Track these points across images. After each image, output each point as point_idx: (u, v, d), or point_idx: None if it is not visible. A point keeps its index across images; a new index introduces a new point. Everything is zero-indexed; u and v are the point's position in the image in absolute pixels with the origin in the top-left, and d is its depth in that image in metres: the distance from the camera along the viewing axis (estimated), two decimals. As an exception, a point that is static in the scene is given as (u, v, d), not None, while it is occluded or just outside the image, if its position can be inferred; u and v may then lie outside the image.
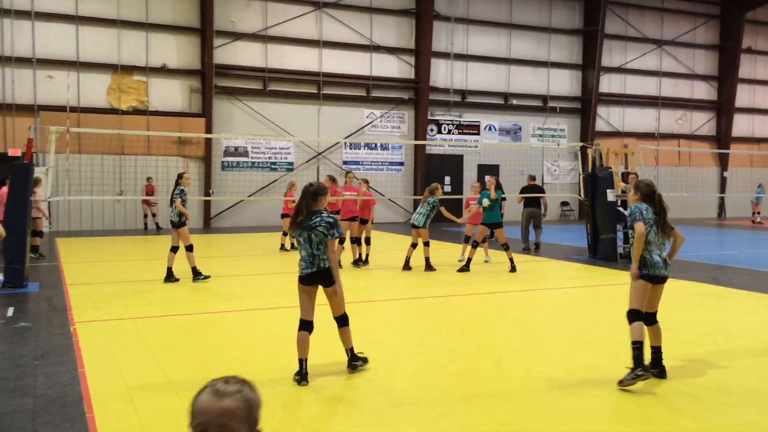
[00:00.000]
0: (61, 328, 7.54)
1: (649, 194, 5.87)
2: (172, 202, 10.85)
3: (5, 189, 11.63)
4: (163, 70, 21.25)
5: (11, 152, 18.89)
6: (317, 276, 5.66)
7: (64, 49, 20.05)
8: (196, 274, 10.83)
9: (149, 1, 20.94)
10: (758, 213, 26.43)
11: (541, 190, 16.68)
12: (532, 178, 16.77)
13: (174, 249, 10.86)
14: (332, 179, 13.64)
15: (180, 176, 11.10)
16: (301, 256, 5.71)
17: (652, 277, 5.70)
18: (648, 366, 5.55)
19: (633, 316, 5.65)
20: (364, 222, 13.18)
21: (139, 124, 20.53)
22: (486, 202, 12.42)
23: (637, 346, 5.51)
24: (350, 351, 5.94)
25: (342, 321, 5.87)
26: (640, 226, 5.68)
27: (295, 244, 6.04)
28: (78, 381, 5.57)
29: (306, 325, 5.69)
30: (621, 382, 5.42)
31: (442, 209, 12.49)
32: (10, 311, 8.37)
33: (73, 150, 16.65)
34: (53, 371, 5.85)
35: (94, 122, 19.40)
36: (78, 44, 20.17)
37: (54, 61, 19.91)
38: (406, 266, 12.30)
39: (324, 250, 5.65)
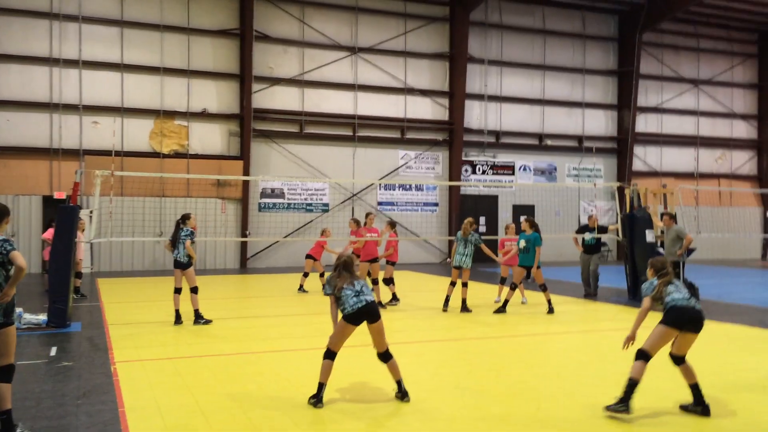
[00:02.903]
0: (103, 367, 7.66)
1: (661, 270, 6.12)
2: (177, 243, 10.65)
3: (52, 230, 11.99)
4: (204, 115, 21.85)
5: (56, 195, 19.51)
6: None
7: (110, 95, 20.79)
8: (199, 317, 10.63)
9: (191, 49, 21.67)
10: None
11: (599, 230, 14.77)
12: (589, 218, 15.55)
13: (178, 291, 10.70)
14: (356, 222, 13.95)
15: (187, 217, 10.91)
16: (352, 302, 6.16)
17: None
18: (625, 405, 5.75)
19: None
20: (391, 263, 13.32)
21: (179, 167, 21.04)
22: (523, 243, 12.35)
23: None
24: (399, 382, 6.32)
25: (387, 356, 6.30)
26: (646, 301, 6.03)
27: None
28: (119, 420, 5.64)
29: (332, 355, 6.20)
30: (608, 408, 5.82)
31: (483, 246, 12.41)
32: (53, 351, 8.54)
33: (116, 193, 17.11)
34: (95, 410, 5.94)
35: (137, 166, 19.95)
36: (123, 91, 20.91)
37: (100, 108, 20.65)
38: (446, 306, 12.21)
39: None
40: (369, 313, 6.15)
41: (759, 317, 11.78)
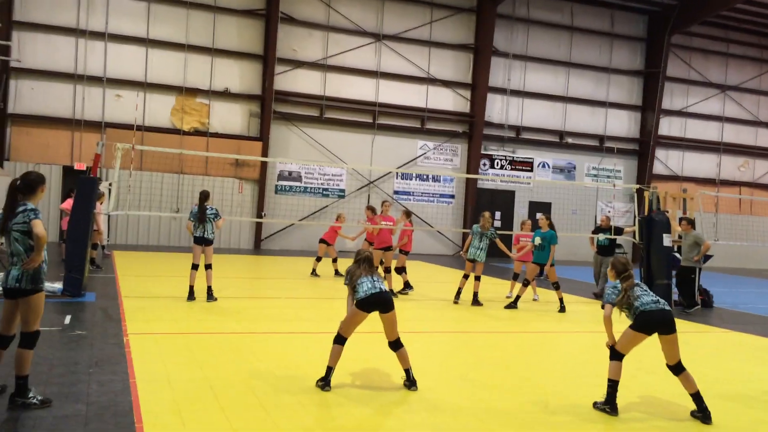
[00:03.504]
0: (115, 338, 7.75)
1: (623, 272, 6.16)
2: (205, 220, 10.74)
3: (70, 200, 12.10)
4: (225, 94, 21.90)
5: (77, 166, 19.66)
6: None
7: (134, 69, 20.90)
8: (211, 294, 10.77)
9: (216, 28, 21.71)
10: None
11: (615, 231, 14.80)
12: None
13: (196, 267, 10.79)
14: (372, 210, 13.97)
15: (208, 194, 11.03)
16: (366, 288, 6.22)
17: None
18: (610, 406, 5.90)
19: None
20: (404, 252, 13.31)
21: (199, 145, 21.14)
22: (538, 240, 12.29)
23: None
24: (408, 371, 6.34)
25: (398, 344, 6.35)
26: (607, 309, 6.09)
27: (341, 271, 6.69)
28: (129, 391, 5.71)
29: (342, 340, 6.25)
30: (595, 404, 6.05)
31: (498, 241, 12.36)
32: (68, 319, 8.65)
33: (135, 167, 17.23)
34: (106, 380, 6.01)
35: (157, 141, 20.05)
36: (147, 66, 21.00)
37: (123, 81, 20.77)
38: (458, 298, 12.20)
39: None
40: (381, 303, 6.20)
41: (772, 328, 11.66)
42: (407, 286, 13.14)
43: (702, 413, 5.81)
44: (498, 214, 24.56)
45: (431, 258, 22.16)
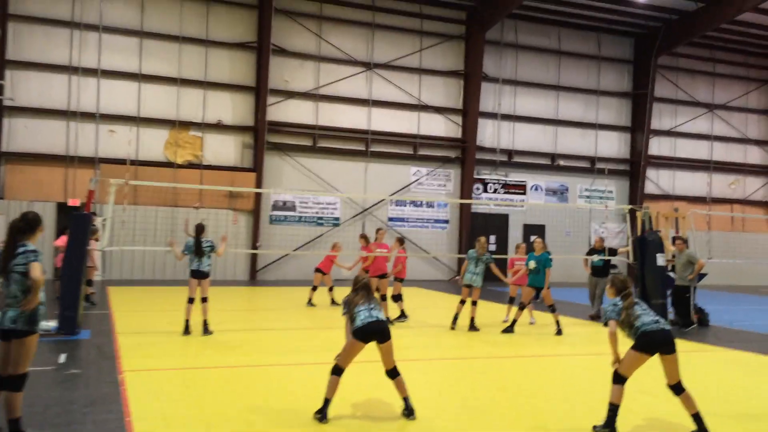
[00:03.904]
0: (110, 376, 7.70)
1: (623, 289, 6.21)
2: (202, 253, 10.65)
3: (65, 237, 12.10)
4: (218, 126, 22.03)
5: (70, 202, 19.68)
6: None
7: (127, 105, 21.02)
8: (207, 328, 10.69)
9: (208, 61, 21.90)
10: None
11: (609, 252, 14.83)
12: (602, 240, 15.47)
13: (192, 300, 10.68)
14: (365, 238, 14.00)
15: (204, 228, 10.90)
16: (363, 317, 6.22)
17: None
18: (610, 429, 5.89)
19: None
20: (399, 280, 13.31)
21: (192, 178, 21.19)
22: (532, 264, 12.32)
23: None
24: (406, 399, 6.30)
25: (395, 372, 6.32)
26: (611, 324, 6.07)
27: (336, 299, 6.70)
28: (124, 430, 5.67)
29: (340, 371, 6.21)
30: (594, 428, 6.02)
31: (493, 266, 12.38)
32: (62, 358, 8.59)
33: (129, 201, 17.25)
34: (101, 419, 5.97)
35: (151, 175, 20.10)
36: (139, 101, 21.14)
37: (116, 117, 20.86)
38: (455, 324, 12.18)
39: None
40: (379, 332, 6.19)
41: (770, 345, 11.66)
42: (403, 314, 13.13)
43: None
44: (492, 238, 24.60)
45: (427, 284, 22.13)
